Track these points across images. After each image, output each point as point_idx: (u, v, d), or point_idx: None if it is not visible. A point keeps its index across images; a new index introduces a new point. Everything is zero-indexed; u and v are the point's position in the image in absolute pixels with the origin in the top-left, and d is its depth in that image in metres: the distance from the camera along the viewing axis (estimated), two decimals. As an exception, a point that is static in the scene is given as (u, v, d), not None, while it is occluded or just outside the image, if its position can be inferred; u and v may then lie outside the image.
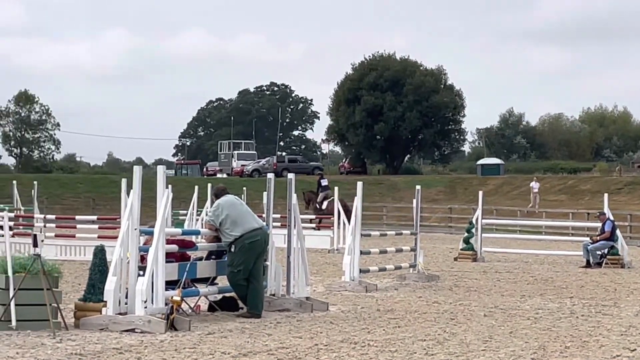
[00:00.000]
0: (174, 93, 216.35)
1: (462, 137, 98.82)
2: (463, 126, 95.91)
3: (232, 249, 14.28)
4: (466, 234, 28.10)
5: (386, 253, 22.31)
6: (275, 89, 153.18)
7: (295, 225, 15.50)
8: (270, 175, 15.86)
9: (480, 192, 29.61)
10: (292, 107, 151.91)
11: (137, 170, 13.09)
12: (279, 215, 22.90)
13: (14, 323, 12.03)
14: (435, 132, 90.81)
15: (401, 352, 11.28)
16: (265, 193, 15.59)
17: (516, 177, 74.33)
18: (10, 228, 21.95)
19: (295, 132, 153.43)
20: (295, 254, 15.53)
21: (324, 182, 41.58)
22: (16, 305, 12.08)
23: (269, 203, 15.38)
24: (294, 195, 15.60)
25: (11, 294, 12.08)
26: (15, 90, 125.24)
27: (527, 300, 17.35)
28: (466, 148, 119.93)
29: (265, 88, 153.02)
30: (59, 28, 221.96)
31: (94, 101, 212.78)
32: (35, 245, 12.45)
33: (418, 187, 22.31)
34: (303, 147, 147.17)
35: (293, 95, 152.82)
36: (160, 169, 13.35)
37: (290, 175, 15.73)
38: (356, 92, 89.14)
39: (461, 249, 28.08)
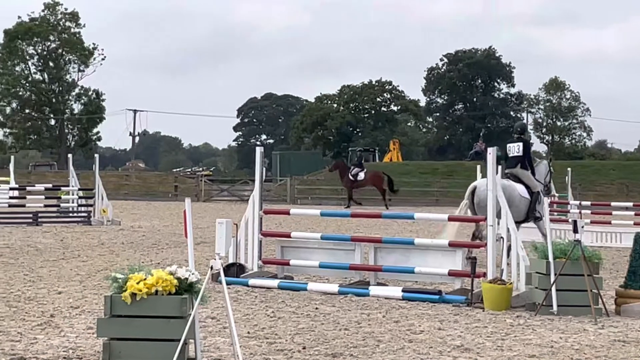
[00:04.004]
0: None
1: None
2: None
3: None
4: None
5: None
6: None
7: None
8: None
9: None
10: None
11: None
12: None
13: (555, 308, 12.19)
14: None
15: None
16: None
17: None
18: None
19: None
20: None
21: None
22: (557, 290, 12.24)
23: None
24: None
25: (552, 279, 12.26)
26: (545, 78, 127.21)
27: None
28: None
29: None
30: (587, 14, 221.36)
31: (624, 86, 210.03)
32: (575, 231, 12.55)
33: None
34: None
35: None
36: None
37: None
38: None
39: None
